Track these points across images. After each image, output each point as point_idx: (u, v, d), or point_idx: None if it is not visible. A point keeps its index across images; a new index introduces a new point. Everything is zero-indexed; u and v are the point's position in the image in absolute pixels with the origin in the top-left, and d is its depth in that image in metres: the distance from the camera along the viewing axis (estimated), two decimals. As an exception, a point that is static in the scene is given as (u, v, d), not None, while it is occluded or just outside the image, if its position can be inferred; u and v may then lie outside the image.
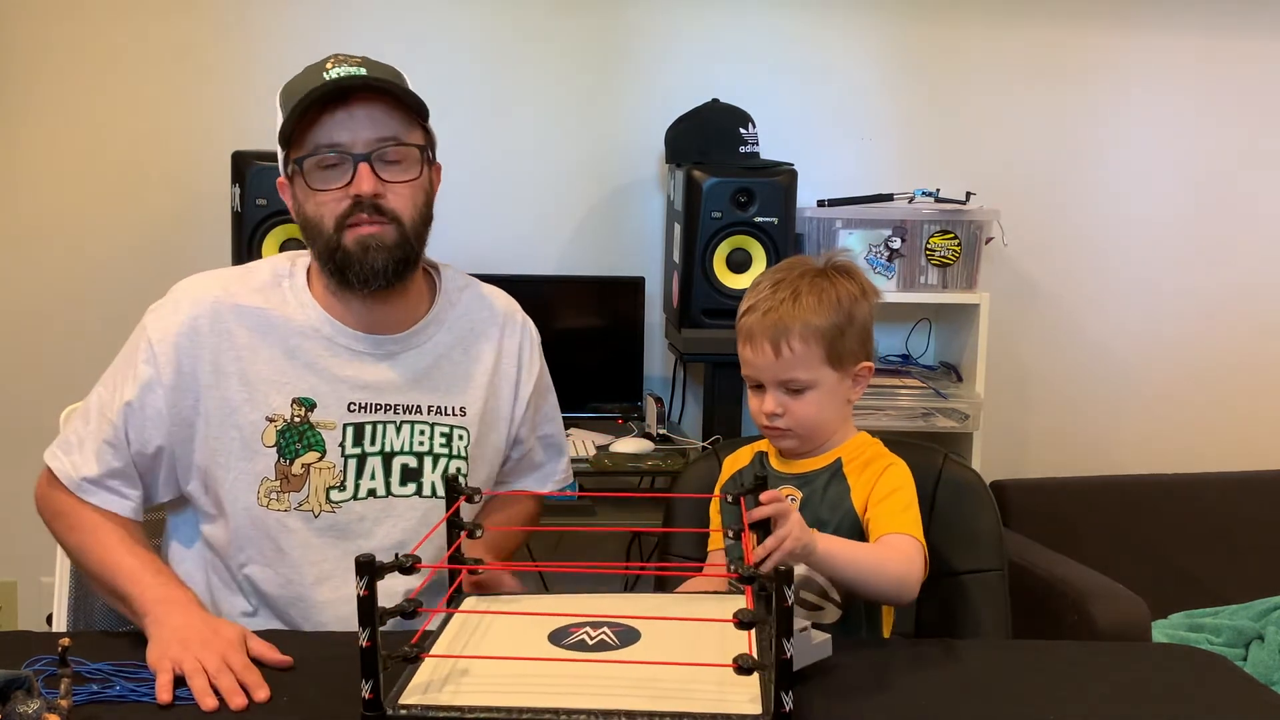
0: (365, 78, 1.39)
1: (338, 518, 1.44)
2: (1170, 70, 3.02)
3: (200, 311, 1.45)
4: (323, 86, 1.37)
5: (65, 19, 2.74)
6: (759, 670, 0.96)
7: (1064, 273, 3.07)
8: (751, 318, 1.46)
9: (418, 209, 1.44)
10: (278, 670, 1.24)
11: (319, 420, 1.45)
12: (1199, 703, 1.24)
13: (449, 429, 1.51)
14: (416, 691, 1.04)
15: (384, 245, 1.41)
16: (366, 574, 0.97)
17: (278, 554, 1.44)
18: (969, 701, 1.21)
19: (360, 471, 1.45)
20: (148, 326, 1.45)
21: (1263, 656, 2.40)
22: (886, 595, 1.40)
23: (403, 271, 1.44)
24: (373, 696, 0.99)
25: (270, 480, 1.43)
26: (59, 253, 2.79)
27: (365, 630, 0.97)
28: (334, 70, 1.39)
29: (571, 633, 1.16)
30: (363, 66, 1.41)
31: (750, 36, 2.91)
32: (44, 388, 2.69)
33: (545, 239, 2.92)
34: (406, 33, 2.80)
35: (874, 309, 1.49)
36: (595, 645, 1.13)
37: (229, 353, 1.44)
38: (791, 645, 0.95)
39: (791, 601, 0.94)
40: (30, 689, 1.06)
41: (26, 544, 2.63)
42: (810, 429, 1.46)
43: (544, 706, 0.99)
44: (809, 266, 1.49)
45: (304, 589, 1.44)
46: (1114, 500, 2.85)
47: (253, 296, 1.47)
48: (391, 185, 1.41)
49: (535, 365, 1.63)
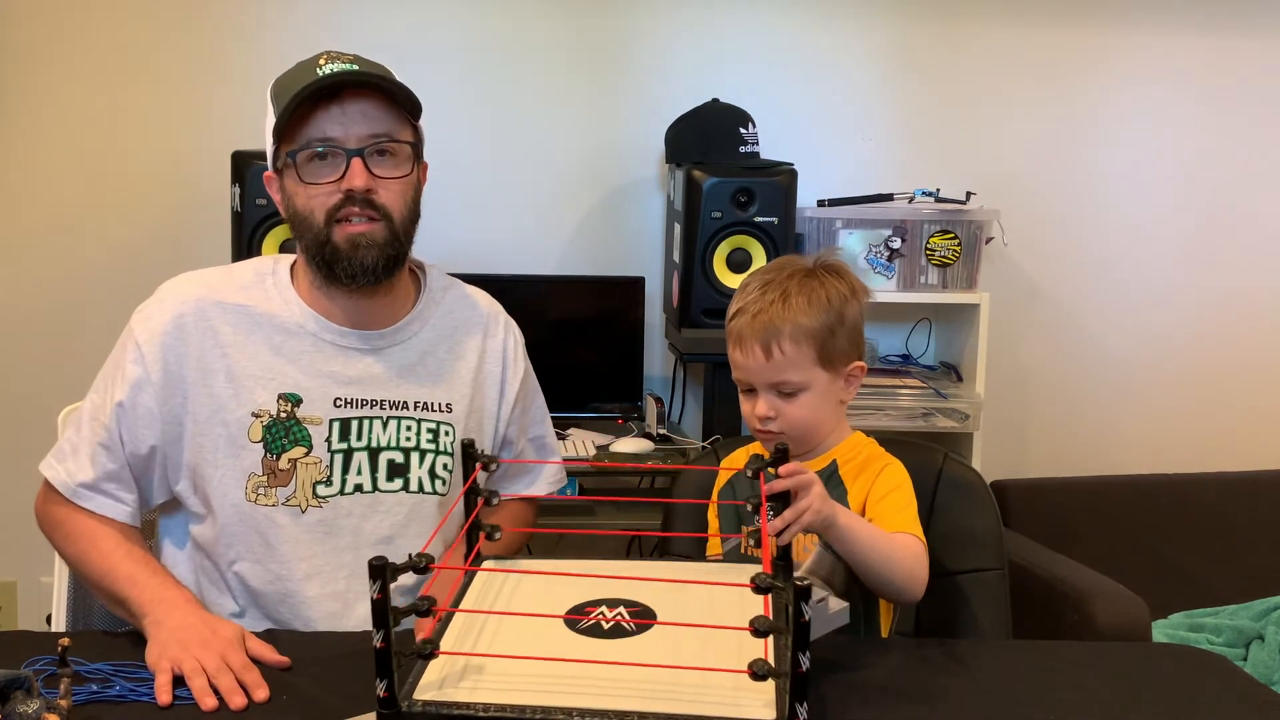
0: (360, 73, 1.40)
1: (325, 513, 1.44)
2: (1170, 70, 3.02)
3: (185, 310, 1.46)
4: (318, 81, 1.38)
5: (65, 19, 2.73)
6: (774, 678, 0.95)
7: (1064, 273, 3.07)
8: (741, 320, 1.45)
9: (407, 205, 1.45)
10: (278, 670, 1.24)
11: (305, 415, 1.45)
12: (1199, 703, 1.24)
13: (435, 424, 1.51)
14: (431, 688, 1.04)
15: (374, 243, 1.42)
16: (379, 577, 0.97)
17: (266, 550, 1.44)
18: (969, 701, 1.21)
19: (347, 467, 1.46)
20: (134, 328, 1.47)
21: (1263, 656, 2.40)
22: (896, 586, 1.38)
23: (391, 268, 1.45)
24: (388, 695, 0.99)
25: (257, 475, 1.43)
26: (59, 253, 2.79)
27: (380, 632, 0.97)
28: (327, 66, 1.40)
29: (588, 613, 1.15)
30: (355, 63, 1.41)
31: (750, 36, 2.91)
32: (44, 388, 2.69)
33: (545, 239, 2.92)
34: (406, 32, 2.80)
35: (864, 308, 1.48)
36: (611, 629, 1.12)
37: (214, 350, 1.45)
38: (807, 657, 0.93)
39: (809, 616, 0.93)
40: (30, 689, 1.06)
41: (26, 544, 2.63)
42: (804, 432, 1.46)
43: (557, 705, 0.99)
44: (798, 267, 1.47)
45: (292, 584, 1.44)
46: (1114, 500, 2.85)
47: (237, 294, 1.48)
48: (383, 181, 1.42)
49: (520, 365, 1.63)
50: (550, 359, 1.69)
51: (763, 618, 0.96)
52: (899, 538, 1.38)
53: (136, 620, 1.32)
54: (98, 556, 1.40)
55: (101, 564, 1.39)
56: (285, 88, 1.41)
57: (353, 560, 1.45)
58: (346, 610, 1.44)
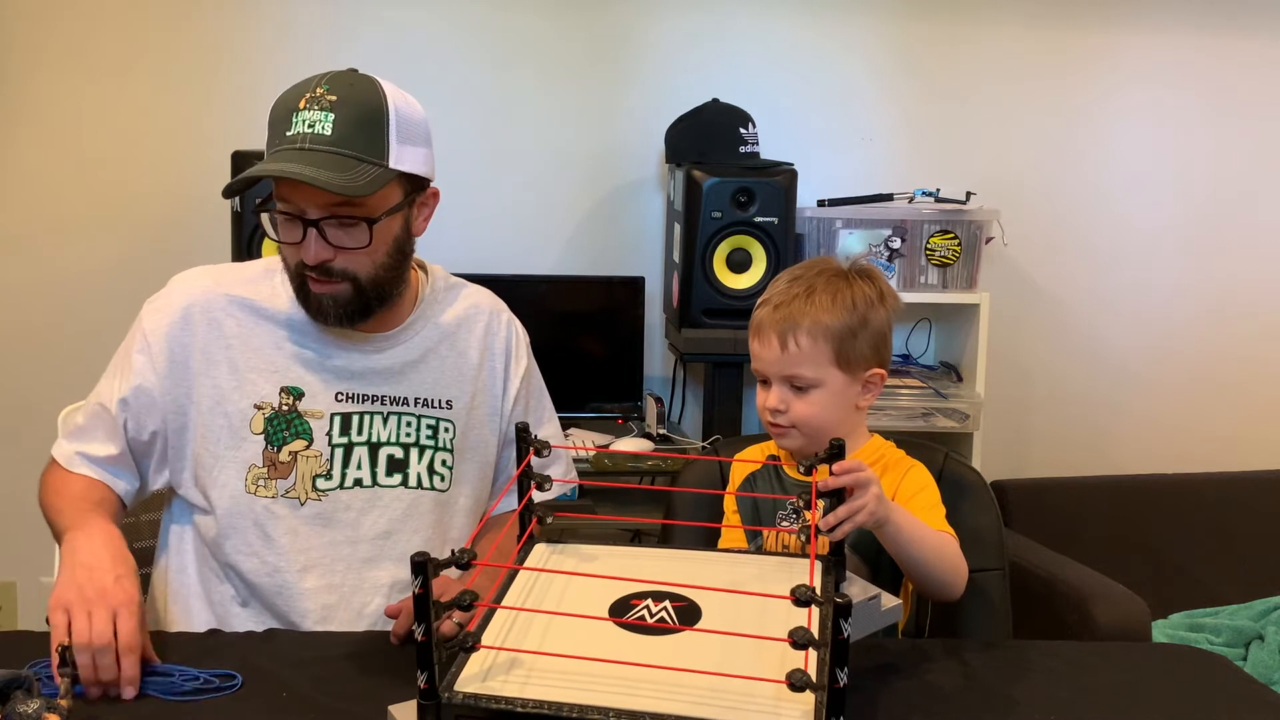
0: (316, 156, 1.33)
1: (324, 506, 1.45)
2: (1170, 70, 3.02)
3: (192, 301, 1.47)
4: (275, 160, 1.34)
5: (65, 20, 2.74)
6: (812, 690, 0.95)
7: (1064, 273, 3.07)
8: (763, 311, 1.45)
9: (376, 264, 1.42)
10: (279, 670, 1.24)
11: (307, 409, 1.46)
12: (1199, 703, 1.24)
13: (435, 421, 1.52)
14: (473, 680, 1.04)
15: (339, 301, 1.42)
16: (421, 574, 0.98)
17: (264, 541, 1.45)
18: (969, 701, 1.21)
19: (347, 461, 1.47)
20: (143, 319, 1.49)
21: (1263, 656, 2.40)
22: (944, 582, 1.38)
23: (367, 314, 1.45)
24: (428, 686, 1.00)
25: (258, 467, 1.44)
26: (59, 253, 2.80)
27: (420, 625, 0.99)
28: (302, 114, 1.35)
29: (633, 605, 1.15)
30: (330, 113, 1.35)
31: (750, 36, 2.91)
32: (44, 388, 2.69)
33: (545, 239, 2.92)
34: (406, 32, 2.80)
35: (893, 316, 1.47)
36: (656, 625, 1.12)
37: (219, 341, 1.46)
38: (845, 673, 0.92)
39: (848, 634, 0.92)
40: (30, 689, 1.06)
41: (26, 544, 2.64)
42: (813, 429, 1.45)
43: (594, 704, 0.99)
44: (830, 267, 1.48)
45: (289, 576, 1.44)
46: (1114, 500, 2.85)
47: (244, 288, 1.49)
48: (343, 251, 1.39)
49: (523, 361, 1.64)
50: (550, 359, 1.69)
51: (802, 629, 0.95)
52: (943, 535, 1.39)
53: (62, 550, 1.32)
54: (59, 500, 1.41)
55: (56, 501, 1.41)
56: (270, 124, 1.39)
57: (350, 554, 1.46)
58: (342, 603, 1.45)
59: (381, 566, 1.47)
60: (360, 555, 1.46)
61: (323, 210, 1.36)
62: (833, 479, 1.20)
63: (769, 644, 1.02)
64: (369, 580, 1.46)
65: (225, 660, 1.25)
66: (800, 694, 0.95)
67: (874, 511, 1.22)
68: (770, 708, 0.99)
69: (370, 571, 1.46)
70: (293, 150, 1.34)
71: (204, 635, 1.39)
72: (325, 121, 1.35)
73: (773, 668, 0.99)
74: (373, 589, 1.46)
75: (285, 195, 1.37)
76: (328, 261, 1.39)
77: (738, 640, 1.06)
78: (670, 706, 0.99)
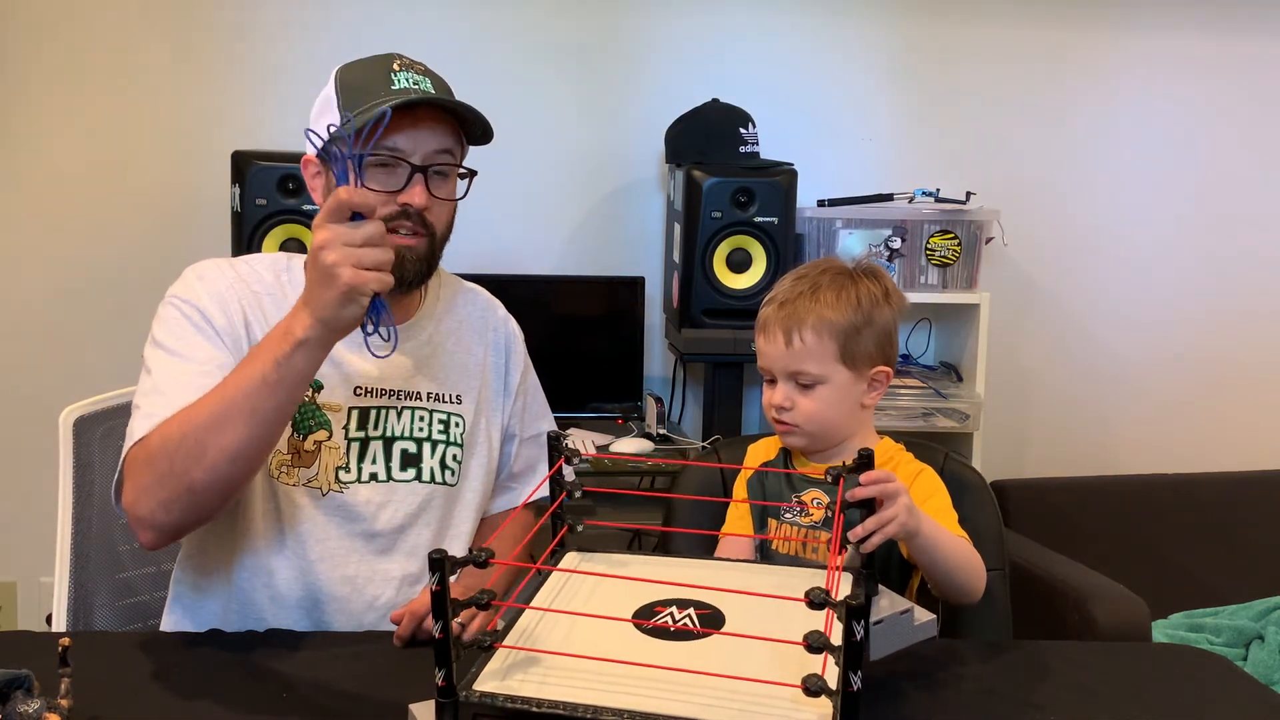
0: (440, 99, 1.42)
1: (344, 498, 1.46)
2: (1170, 70, 3.02)
3: (224, 285, 1.45)
4: (403, 98, 1.38)
5: (65, 19, 2.74)
6: (827, 695, 0.95)
7: (1064, 273, 3.07)
8: (769, 308, 1.47)
9: (449, 224, 1.49)
10: (279, 670, 1.24)
11: (326, 402, 1.47)
12: (1199, 703, 1.24)
13: (446, 415, 1.54)
14: (492, 678, 1.04)
15: (418, 257, 1.44)
16: (438, 570, 0.98)
17: (284, 528, 1.44)
18: (969, 701, 1.21)
19: (363, 455, 1.47)
20: (179, 300, 1.42)
21: (1263, 656, 2.40)
22: (967, 589, 1.38)
23: (423, 280, 1.49)
24: (445, 684, 1.01)
25: (282, 453, 1.44)
26: (59, 253, 2.79)
27: (439, 623, 0.99)
28: (400, 74, 1.42)
29: (657, 611, 1.15)
30: (426, 77, 1.44)
31: (750, 36, 2.91)
32: (44, 388, 2.69)
33: (545, 239, 2.92)
34: (406, 32, 2.80)
35: (899, 315, 1.48)
36: (677, 631, 1.12)
37: (243, 328, 1.43)
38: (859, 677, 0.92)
39: (862, 634, 0.92)
40: (30, 689, 1.06)
41: (26, 544, 2.64)
42: (818, 427, 1.45)
43: (608, 706, 0.99)
44: (835, 265, 1.49)
45: (304, 564, 1.44)
46: (1114, 500, 2.85)
47: (263, 280, 1.49)
48: (437, 200, 1.44)
49: (520, 359, 1.67)
50: (550, 359, 1.70)
51: (817, 633, 0.95)
52: (964, 541, 1.39)
53: (292, 343, 1.22)
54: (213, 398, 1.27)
55: (223, 392, 1.26)
56: (358, 87, 1.41)
57: (364, 547, 1.46)
58: (355, 594, 1.46)
59: (392, 559, 1.48)
60: (374, 548, 1.47)
61: (428, 158, 1.42)
62: (861, 490, 1.18)
63: (788, 650, 1.01)
64: (380, 573, 1.47)
65: (226, 660, 1.25)
66: (816, 699, 0.95)
67: (905, 523, 1.21)
68: (787, 712, 0.99)
69: (382, 564, 1.47)
70: (416, 96, 1.39)
71: (204, 635, 1.38)
72: (425, 82, 1.43)
73: (791, 673, 0.98)
74: (384, 581, 1.47)
75: (393, 142, 1.39)
76: (426, 210, 1.42)
77: (758, 645, 1.06)
78: (686, 709, 0.99)
